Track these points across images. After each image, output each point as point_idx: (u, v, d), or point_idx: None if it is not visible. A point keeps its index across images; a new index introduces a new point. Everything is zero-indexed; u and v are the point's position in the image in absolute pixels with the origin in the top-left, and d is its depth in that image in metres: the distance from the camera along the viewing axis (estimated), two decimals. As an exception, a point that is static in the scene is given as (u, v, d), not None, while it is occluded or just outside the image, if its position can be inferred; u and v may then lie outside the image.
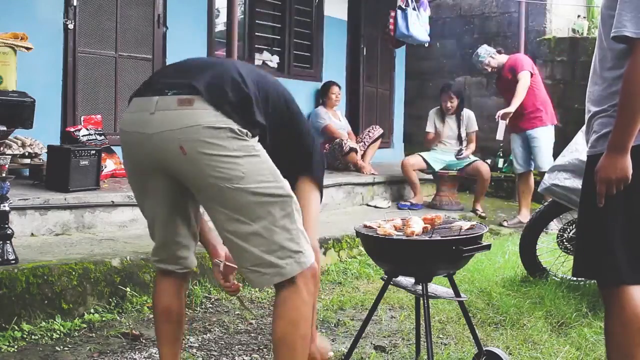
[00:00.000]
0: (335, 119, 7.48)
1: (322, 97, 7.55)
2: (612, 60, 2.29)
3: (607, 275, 2.29)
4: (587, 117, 2.40)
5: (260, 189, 2.02)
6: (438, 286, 2.83)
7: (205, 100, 2.00)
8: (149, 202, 2.24)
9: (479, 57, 6.84)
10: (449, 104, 7.14)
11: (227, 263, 2.52)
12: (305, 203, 2.33)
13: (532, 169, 6.83)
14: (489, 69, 6.89)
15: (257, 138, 2.07)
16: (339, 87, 7.62)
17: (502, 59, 6.81)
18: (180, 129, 1.99)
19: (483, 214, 6.97)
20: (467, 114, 7.30)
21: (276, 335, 2.10)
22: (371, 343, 3.28)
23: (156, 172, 2.14)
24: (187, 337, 3.29)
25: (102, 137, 5.33)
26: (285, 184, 2.10)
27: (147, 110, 2.06)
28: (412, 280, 2.81)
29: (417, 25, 7.82)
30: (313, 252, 2.15)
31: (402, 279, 2.82)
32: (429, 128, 7.28)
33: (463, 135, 7.22)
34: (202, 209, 2.31)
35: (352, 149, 7.09)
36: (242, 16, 7.03)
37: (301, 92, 7.61)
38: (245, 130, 2.02)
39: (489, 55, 6.80)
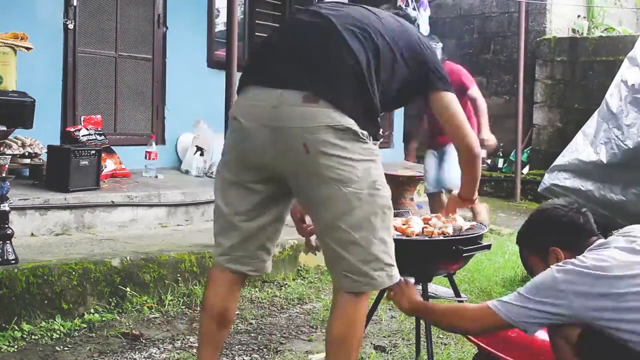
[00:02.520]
0: None
1: None
2: None
3: None
4: None
5: (369, 196, 2.02)
6: (438, 286, 2.83)
7: (328, 100, 1.99)
8: (238, 195, 2.16)
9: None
10: None
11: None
12: (446, 112, 2.27)
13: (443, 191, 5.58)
14: None
15: (374, 141, 2.08)
16: None
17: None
18: (306, 127, 1.98)
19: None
20: None
21: (333, 336, 2.10)
22: (371, 343, 3.28)
23: (264, 166, 2.09)
24: (187, 337, 3.29)
25: (102, 137, 5.33)
26: (390, 195, 2.11)
27: (269, 103, 2.03)
28: (412, 280, 2.81)
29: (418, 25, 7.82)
30: None
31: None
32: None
33: None
34: None
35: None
36: (242, 16, 7.03)
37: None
38: (365, 132, 2.03)
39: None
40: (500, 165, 9.19)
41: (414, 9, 7.80)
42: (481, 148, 5.28)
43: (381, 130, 2.14)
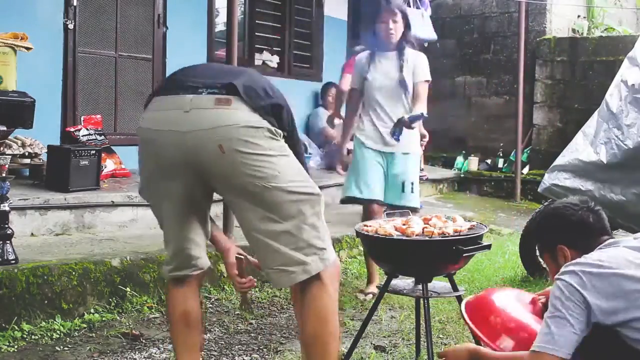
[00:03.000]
0: (340, 121, 7.44)
1: (323, 98, 7.54)
2: None
3: None
4: None
5: (294, 187, 2.06)
6: (436, 282, 2.82)
7: (243, 101, 2.03)
8: (167, 204, 2.22)
9: None
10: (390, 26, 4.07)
11: (249, 257, 2.49)
12: None
13: None
14: None
15: (283, 138, 2.12)
16: None
17: None
18: (219, 128, 2.01)
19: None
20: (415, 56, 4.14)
21: (307, 334, 2.12)
22: (371, 343, 3.28)
23: (182, 170, 2.12)
24: (187, 337, 3.29)
25: (102, 137, 5.33)
26: (313, 183, 2.13)
27: (181, 108, 2.06)
28: (411, 280, 2.81)
29: (419, 25, 7.81)
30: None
31: (399, 280, 2.82)
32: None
33: (408, 86, 4.05)
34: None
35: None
36: (242, 16, 7.03)
37: (301, 92, 7.61)
38: (279, 131, 2.07)
39: None
40: (500, 165, 9.18)
41: (417, 8, 7.80)
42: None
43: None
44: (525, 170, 8.86)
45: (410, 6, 7.71)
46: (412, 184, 4.00)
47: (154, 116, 2.16)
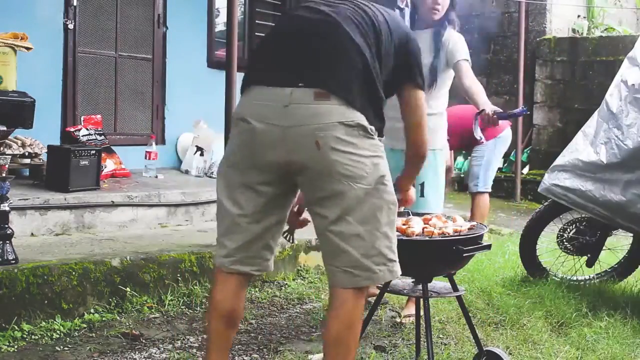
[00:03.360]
0: None
1: None
2: None
3: None
4: None
5: (376, 191, 2.05)
6: (436, 282, 2.82)
7: (340, 96, 2.01)
8: (244, 197, 2.15)
9: None
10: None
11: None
12: (413, 107, 2.33)
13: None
14: None
15: (380, 136, 2.11)
16: None
17: None
18: (319, 125, 2.00)
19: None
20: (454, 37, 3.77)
21: (330, 336, 2.10)
22: (371, 343, 3.28)
23: (275, 165, 2.09)
24: (187, 337, 3.29)
25: (102, 137, 5.33)
26: (394, 190, 2.13)
27: (280, 102, 2.04)
28: (411, 280, 2.81)
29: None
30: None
31: (399, 280, 2.82)
32: None
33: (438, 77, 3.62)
34: None
35: None
36: (242, 16, 7.03)
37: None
38: (372, 128, 2.05)
39: None
40: (500, 165, 9.18)
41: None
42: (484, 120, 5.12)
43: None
44: (525, 170, 8.86)
45: (407, 6, 7.70)
46: (422, 185, 3.40)
47: (253, 107, 2.10)
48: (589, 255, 4.28)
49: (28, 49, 3.97)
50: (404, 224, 2.67)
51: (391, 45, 2.20)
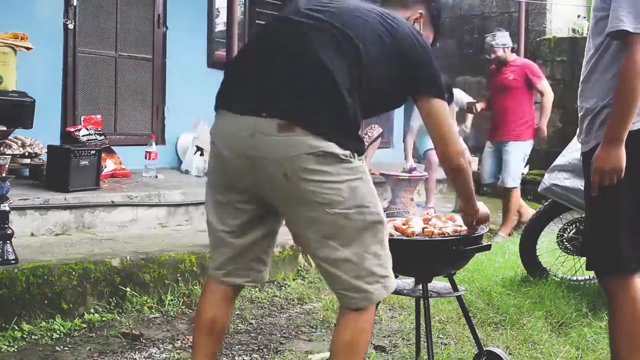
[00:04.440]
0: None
1: None
2: (604, 56, 2.33)
3: (615, 266, 2.35)
4: (580, 114, 2.45)
5: (357, 214, 1.97)
6: (436, 282, 2.82)
7: (306, 126, 1.91)
8: (227, 214, 2.13)
9: (495, 40, 6.12)
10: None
11: None
12: (432, 119, 2.15)
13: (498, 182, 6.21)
14: (493, 56, 6.14)
15: (359, 156, 2.00)
16: None
17: (511, 56, 6.16)
18: (284, 157, 1.92)
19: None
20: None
21: (340, 342, 2.06)
22: (371, 343, 3.27)
23: (247, 191, 2.07)
24: (187, 337, 3.29)
25: (102, 137, 5.33)
26: (381, 209, 2.05)
27: (245, 131, 1.96)
28: (411, 280, 2.81)
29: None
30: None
31: (399, 280, 2.82)
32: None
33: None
34: None
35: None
36: (242, 16, 7.03)
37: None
38: (347, 152, 1.95)
39: (505, 46, 6.10)
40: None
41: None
42: (537, 135, 6.10)
43: (376, 131, 2.10)
44: (525, 170, 8.86)
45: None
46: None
47: (220, 133, 2.06)
48: (589, 255, 4.27)
49: (28, 49, 3.97)
50: (404, 224, 2.67)
51: (385, 53, 2.05)
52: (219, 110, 2.09)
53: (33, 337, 3.15)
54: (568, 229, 4.33)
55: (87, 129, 5.28)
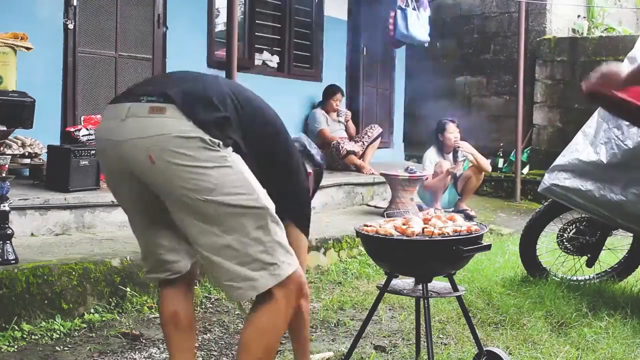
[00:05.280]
0: (333, 121, 7.46)
1: (324, 98, 7.50)
2: None
3: None
4: None
5: (231, 200, 1.95)
6: (436, 282, 2.82)
7: (179, 110, 1.94)
8: (127, 207, 2.20)
9: None
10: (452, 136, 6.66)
11: None
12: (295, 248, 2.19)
13: None
14: None
15: (230, 148, 1.99)
16: (343, 94, 7.60)
17: None
18: (149, 137, 1.93)
19: (472, 213, 6.58)
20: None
21: (241, 341, 2.06)
22: (371, 343, 3.28)
23: (127, 178, 2.07)
24: (187, 337, 3.29)
25: (102, 137, 5.33)
26: (261, 195, 2.02)
27: (119, 117, 2.02)
28: (411, 280, 2.81)
29: (417, 25, 7.82)
30: (295, 263, 2.06)
31: (399, 280, 2.82)
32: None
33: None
34: None
35: (350, 152, 7.07)
36: (242, 16, 7.03)
37: (301, 92, 7.61)
38: (217, 141, 1.95)
39: None
40: (500, 165, 9.20)
41: (413, 8, 7.80)
42: None
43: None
44: (525, 170, 8.87)
45: (407, 6, 7.71)
46: None
47: (101, 125, 2.15)
48: (589, 255, 4.28)
49: (28, 49, 3.97)
50: (404, 224, 2.67)
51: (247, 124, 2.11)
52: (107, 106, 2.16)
53: (33, 337, 3.16)
54: (568, 229, 4.33)
55: (87, 129, 5.28)
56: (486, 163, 6.71)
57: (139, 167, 1.99)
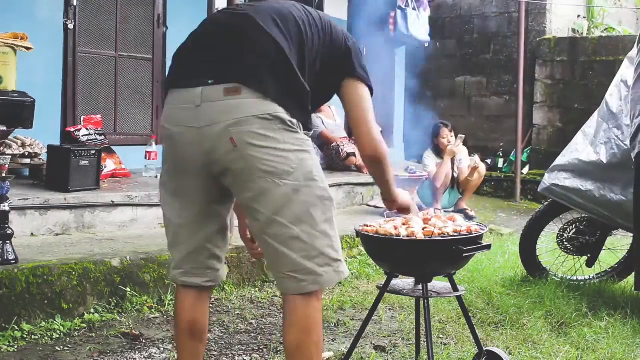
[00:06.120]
0: (330, 120, 7.45)
1: None
2: None
3: None
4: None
5: (306, 187, 1.94)
6: (436, 282, 2.82)
7: (251, 89, 1.91)
8: (180, 205, 2.11)
9: None
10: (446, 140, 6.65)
11: None
12: (355, 101, 2.17)
13: None
14: None
15: (306, 131, 1.99)
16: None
17: None
18: (230, 121, 1.90)
19: (472, 213, 6.60)
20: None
21: (289, 344, 2.01)
22: (371, 343, 3.28)
23: (199, 169, 2.02)
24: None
25: (102, 137, 5.33)
26: (328, 186, 2.01)
27: (192, 102, 1.96)
28: (411, 280, 2.81)
29: (417, 25, 7.83)
30: None
31: (399, 280, 2.82)
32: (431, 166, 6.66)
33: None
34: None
35: (350, 154, 7.07)
36: (242, 16, 7.03)
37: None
38: (294, 121, 1.94)
39: None
40: (500, 165, 9.20)
41: (413, 8, 7.81)
42: None
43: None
44: (525, 170, 8.87)
45: (407, 6, 7.71)
46: None
47: (168, 112, 2.06)
48: (589, 255, 4.28)
49: (28, 49, 3.97)
50: (404, 224, 2.67)
51: (321, 44, 2.09)
52: (168, 94, 2.08)
53: (33, 337, 3.15)
54: (568, 229, 4.33)
55: (87, 129, 5.28)
56: (481, 168, 6.74)
57: (221, 152, 1.94)
